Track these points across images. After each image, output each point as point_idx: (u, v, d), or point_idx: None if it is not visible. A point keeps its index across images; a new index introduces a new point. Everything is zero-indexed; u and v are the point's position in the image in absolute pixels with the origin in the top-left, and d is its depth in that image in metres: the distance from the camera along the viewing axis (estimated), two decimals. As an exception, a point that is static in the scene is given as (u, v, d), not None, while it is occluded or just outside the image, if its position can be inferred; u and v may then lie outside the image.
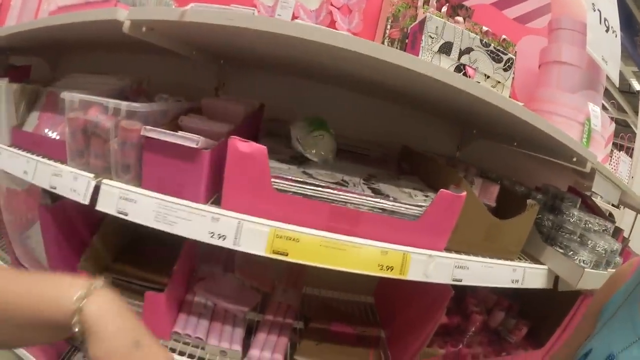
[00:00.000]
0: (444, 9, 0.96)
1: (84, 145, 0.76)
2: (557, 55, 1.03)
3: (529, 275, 0.87)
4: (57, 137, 0.82)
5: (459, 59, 0.85)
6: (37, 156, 0.80)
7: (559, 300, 1.04)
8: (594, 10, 0.97)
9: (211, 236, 0.65)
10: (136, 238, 0.96)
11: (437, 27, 0.83)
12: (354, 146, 1.04)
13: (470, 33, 0.87)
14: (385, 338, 0.97)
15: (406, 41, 0.91)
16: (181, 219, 0.66)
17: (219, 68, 1.09)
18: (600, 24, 0.99)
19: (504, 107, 0.71)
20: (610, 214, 1.27)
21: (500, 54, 0.91)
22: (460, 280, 0.77)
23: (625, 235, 1.26)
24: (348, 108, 1.15)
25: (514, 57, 0.94)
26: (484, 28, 0.94)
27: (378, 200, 0.68)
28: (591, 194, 1.23)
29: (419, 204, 0.70)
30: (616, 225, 1.07)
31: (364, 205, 0.68)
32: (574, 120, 0.98)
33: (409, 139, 1.19)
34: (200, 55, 0.94)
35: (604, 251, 0.88)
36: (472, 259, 0.78)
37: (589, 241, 0.90)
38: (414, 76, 0.66)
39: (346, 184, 0.71)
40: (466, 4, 1.01)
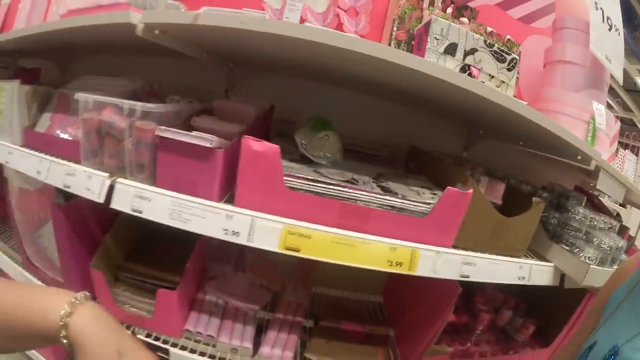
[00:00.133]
0: (449, 10, 1.00)
1: (97, 145, 0.79)
2: (562, 54, 1.07)
3: (536, 272, 0.90)
4: (70, 138, 0.86)
5: (463, 60, 0.89)
6: (50, 156, 0.85)
7: (565, 299, 1.07)
8: (597, 9, 1.01)
9: (225, 233, 0.69)
10: (147, 237, 1.00)
11: (442, 29, 0.87)
12: (362, 146, 1.07)
13: (475, 34, 0.91)
14: (394, 336, 1.01)
15: (412, 43, 0.95)
16: (195, 216, 0.70)
17: (228, 70, 1.14)
18: (603, 22, 1.02)
19: (507, 106, 0.74)
20: (618, 214, 1.30)
21: (503, 54, 0.95)
22: (468, 277, 0.80)
23: (632, 234, 1.30)
24: (355, 109, 1.19)
25: (517, 57, 0.98)
26: (489, 29, 0.99)
27: (387, 197, 0.72)
28: (598, 194, 1.27)
29: (426, 201, 0.74)
30: (622, 224, 1.10)
31: (374, 203, 0.71)
32: (579, 119, 1.02)
33: (416, 139, 1.22)
34: (210, 57, 0.98)
35: (609, 248, 0.92)
36: (479, 255, 0.81)
37: (595, 238, 0.93)
38: (421, 77, 0.70)
39: (356, 182, 0.75)
40: (471, 5, 1.05)
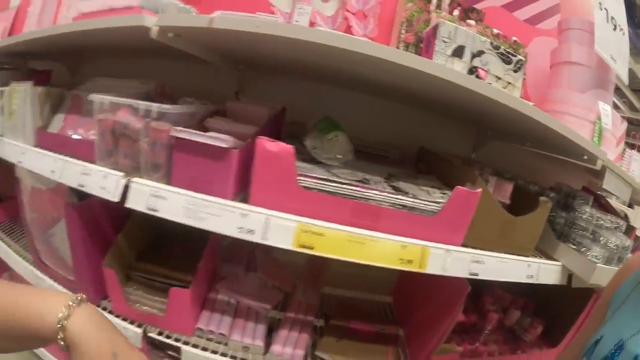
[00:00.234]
0: (456, 12, 1.04)
1: (112, 145, 0.83)
2: (567, 55, 1.11)
3: (543, 271, 0.93)
4: (83, 138, 0.90)
5: (471, 62, 0.93)
6: (64, 156, 0.88)
7: (572, 299, 1.10)
8: (601, 9, 1.04)
9: (240, 231, 0.72)
10: (159, 238, 1.03)
11: (450, 32, 0.91)
12: (371, 148, 1.11)
13: (481, 36, 0.95)
14: (403, 336, 1.04)
15: (421, 45, 0.99)
16: (211, 214, 0.73)
17: (239, 73, 1.17)
18: (607, 22, 1.06)
19: (514, 107, 0.78)
20: (626, 215, 1.34)
21: (510, 55, 0.99)
22: (477, 274, 0.84)
23: (639, 234, 1.33)
24: (365, 111, 1.23)
25: (523, 59, 1.02)
26: (495, 31, 1.02)
27: (398, 196, 0.75)
28: (606, 195, 1.30)
29: (436, 200, 0.78)
30: (628, 224, 1.14)
31: (385, 202, 0.75)
32: (585, 120, 1.05)
33: (425, 141, 1.26)
34: (222, 60, 1.01)
35: (615, 247, 0.95)
36: (488, 253, 0.84)
37: (601, 237, 0.96)
38: (429, 79, 0.73)
39: (367, 182, 0.78)
40: (477, 7, 1.09)
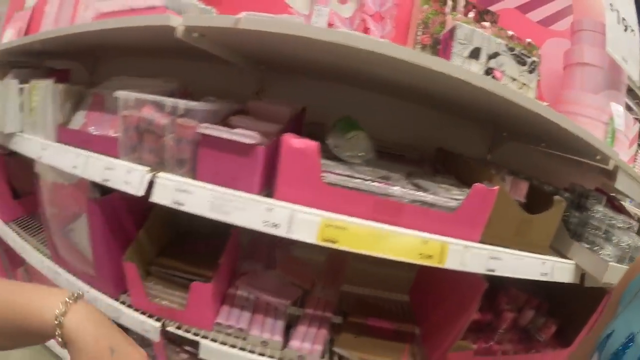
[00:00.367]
0: (471, 14, 1.09)
1: (137, 141, 0.88)
2: (580, 56, 1.16)
3: (558, 269, 0.98)
4: (106, 134, 0.94)
5: (487, 63, 0.98)
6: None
7: (586, 300, 1.15)
8: (612, 10, 1.10)
9: (265, 225, 0.77)
10: (179, 236, 1.08)
11: (466, 34, 0.96)
12: (390, 148, 1.15)
13: (497, 38, 1.01)
14: (419, 334, 1.08)
15: (438, 47, 1.04)
16: (236, 208, 0.77)
17: (259, 73, 1.22)
18: (618, 23, 1.11)
19: (529, 107, 0.82)
20: (639, 217, 1.38)
21: (524, 57, 1.04)
22: (494, 271, 0.88)
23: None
24: (383, 112, 1.27)
25: (537, 60, 1.07)
26: (509, 32, 1.08)
27: (419, 193, 0.80)
28: (620, 199, 1.34)
29: (455, 197, 0.82)
30: (641, 225, 1.18)
31: (406, 198, 0.80)
32: (598, 121, 1.10)
33: (441, 142, 1.30)
34: (243, 61, 1.06)
35: (627, 247, 1.00)
36: (505, 250, 0.89)
37: (613, 237, 1.01)
38: (448, 80, 0.78)
39: (389, 179, 0.83)
40: (491, 9, 1.15)
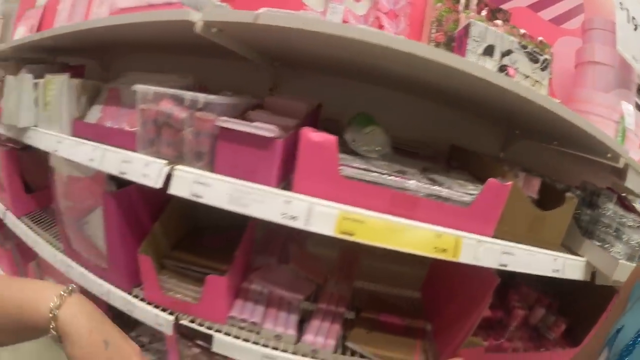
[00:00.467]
0: (483, 12, 1.13)
1: (154, 134, 0.91)
2: (591, 55, 1.19)
3: (569, 265, 1.01)
4: (123, 128, 0.98)
5: (500, 60, 1.01)
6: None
7: (595, 299, 1.18)
8: (622, 9, 1.13)
9: (283, 217, 0.80)
10: (194, 230, 1.10)
11: (481, 32, 1.00)
12: (403, 145, 1.18)
13: (510, 36, 1.04)
14: (431, 331, 1.11)
15: (452, 45, 1.08)
16: (255, 201, 0.80)
17: (273, 70, 1.26)
18: (628, 22, 1.14)
19: (542, 104, 0.85)
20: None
21: (536, 54, 1.08)
22: (506, 266, 0.91)
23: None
24: (396, 108, 1.30)
25: (549, 58, 1.10)
26: (522, 31, 1.11)
27: (435, 187, 0.83)
28: (632, 200, 1.38)
29: (470, 192, 0.86)
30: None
31: (422, 192, 0.83)
32: (609, 119, 1.14)
33: (454, 140, 1.34)
34: (258, 57, 1.09)
35: (637, 245, 1.03)
36: (517, 246, 0.92)
37: (624, 235, 1.05)
38: (463, 76, 0.81)
39: (405, 173, 0.86)
40: (504, 7, 1.18)
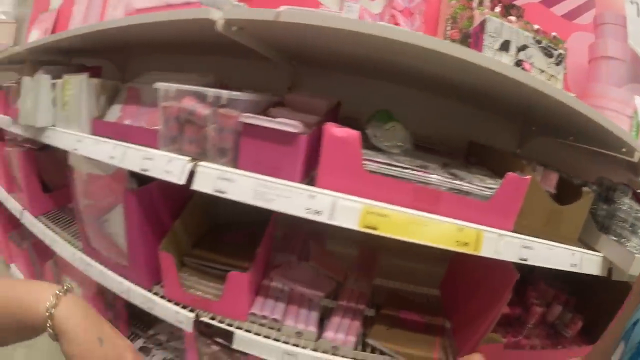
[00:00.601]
0: (497, 9, 1.17)
1: (177, 131, 0.94)
2: (603, 50, 1.23)
3: (586, 260, 1.04)
4: (143, 126, 1.01)
5: (516, 55, 1.05)
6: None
7: (612, 296, 1.21)
8: (632, 3, 1.17)
9: (307, 212, 0.83)
10: (215, 228, 1.13)
11: (496, 27, 1.04)
12: (422, 141, 1.21)
13: (524, 31, 1.08)
14: (450, 328, 1.14)
15: (468, 41, 1.12)
16: (279, 196, 0.84)
17: (292, 68, 1.29)
18: (638, 16, 1.18)
19: (559, 98, 0.88)
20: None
21: (551, 49, 1.12)
22: (526, 260, 0.94)
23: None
24: (414, 106, 1.34)
25: (564, 53, 1.14)
26: (535, 26, 1.15)
27: (456, 181, 0.86)
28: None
29: (490, 185, 0.89)
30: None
31: (444, 186, 0.86)
32: (622, 114, 1.18)
33: (471, 137, 1.37)
34: (277, 55, 1.13)
35: (653, 239, 1.07)
36: (537, 240, 0.95)
37: (639, 230, 1.09)
38: (481, 71, 0.84)
39: (426, 168, 0.90)
40: (517, 3, 1.22)
